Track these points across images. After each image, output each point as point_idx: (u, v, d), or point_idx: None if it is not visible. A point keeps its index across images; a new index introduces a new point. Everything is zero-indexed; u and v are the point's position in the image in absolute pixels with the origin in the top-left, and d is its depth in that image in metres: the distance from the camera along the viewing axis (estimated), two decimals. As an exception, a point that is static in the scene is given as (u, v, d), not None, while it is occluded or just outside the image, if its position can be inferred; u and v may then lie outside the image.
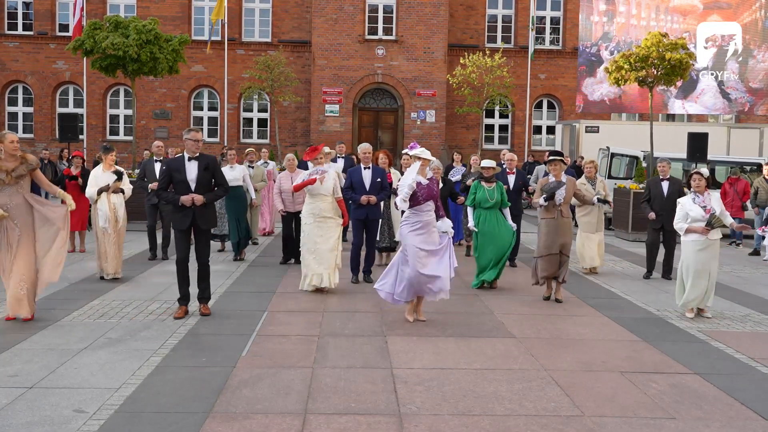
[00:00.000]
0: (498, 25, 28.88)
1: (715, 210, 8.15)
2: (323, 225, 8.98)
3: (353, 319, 7.78)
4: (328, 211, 9.02)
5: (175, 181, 7.60)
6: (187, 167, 7.56)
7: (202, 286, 7.83)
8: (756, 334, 7.71)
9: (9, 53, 27.97)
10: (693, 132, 16.84)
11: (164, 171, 7.79)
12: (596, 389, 5.70)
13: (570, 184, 8.93)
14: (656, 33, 17.58)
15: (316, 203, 9.03)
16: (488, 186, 9.70)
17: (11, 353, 6.28)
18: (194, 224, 7.61)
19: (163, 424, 4.77)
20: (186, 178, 7.54)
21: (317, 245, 8.91)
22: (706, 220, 8.11)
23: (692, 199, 8.32)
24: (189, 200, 7.47)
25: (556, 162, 8.90)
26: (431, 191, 7.54)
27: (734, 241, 15.39)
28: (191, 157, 7.58)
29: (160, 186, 7.85)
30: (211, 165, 7.66)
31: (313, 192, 9.04)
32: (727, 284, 10.65)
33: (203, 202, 7.52)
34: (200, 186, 7.57)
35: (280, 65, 25.42)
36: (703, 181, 8.33)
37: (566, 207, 8.88)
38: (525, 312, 8.39)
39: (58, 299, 8.47)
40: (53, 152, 23.15)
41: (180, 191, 7.53)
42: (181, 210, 7.55)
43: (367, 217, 9.65)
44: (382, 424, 4.86)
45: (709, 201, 8.24)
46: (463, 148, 26.95)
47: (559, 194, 8.79)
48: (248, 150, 13.40)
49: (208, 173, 7.63)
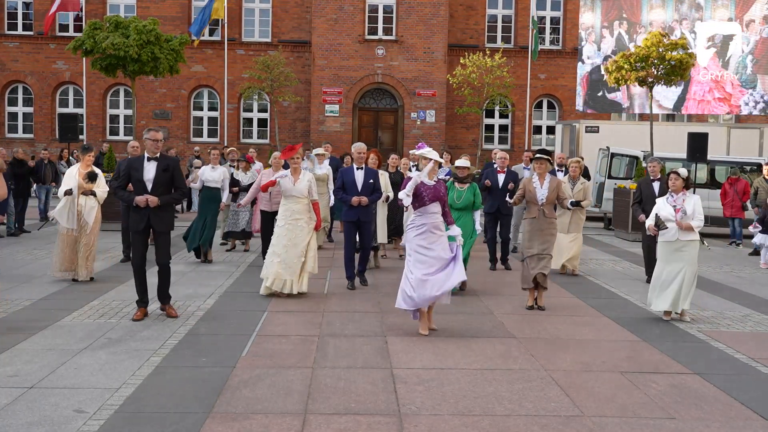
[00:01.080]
0: (498, 25, 28.89)
1: (687, 211, 8.00)
2: (294, 228, 8.76)
3: (353, 320, 7.77)
4: (301, 213, 8.82)
5: (132, 180, 7.53)
6: (145, 167, 7.47)
7: (162, 288, 7.74)
8: (756, 334, 7.71)
9: (9, 53, 27.98)
10: (693, 132, 16.84)
11: (124, 169, 7.73)
12: (596, 389, 5.70)
13: (554, 184, 8.65)
14: (656, 33, 17.60)
15: (289, 205, 8.86)
16: (460, 187, 9.43)
17: (11, 353, 6.28)
18: (149, 226, 7.50)
19: (163, 424, 4.77)
20: (143, 177, 7.45)
21: (286, 249, 8.69)
22: (654, 219, 8.07)
23: (666, 199, 8.22)
24: (143, 201, 7.37)
25: (542, 161, 8.67)
26: (437, 193, 7.29)
27: (734, 241, 15.39)
28: (150, 157, 7.50)
29: (117, 184, 7.77)
30: (171, 166, 7.54)
31: (287, 194, 8.88)
32: (727, 284, 10.66)
33: (157, 204, 7.39)
34: (157, 187, 7.44)
35: (280, 65, 25.42)
36: (680, 181, 8.13)
37: (549, 207, 8.61)
38: (525, 312, 8.38)
39: (58, 299, 8.47)
40: (53, 152, 23.13)
41: (137, 191, 7.45)
42: (138, 211, 7.45)
43: (359, 219, 9.44)
44: (382, 424, 4.86)
45: (682, 202, 8.08)
46: (463, 148, 26.95)
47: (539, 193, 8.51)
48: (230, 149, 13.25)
49: (167, 174, 7.50)
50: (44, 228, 14.93)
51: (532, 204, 8.63)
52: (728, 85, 25.47)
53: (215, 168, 11.39)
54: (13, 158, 14.84)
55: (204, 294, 8.88)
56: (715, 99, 25.58)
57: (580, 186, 11.01)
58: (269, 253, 8.89)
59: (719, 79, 25.50)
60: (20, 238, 14.04)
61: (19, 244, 13.19)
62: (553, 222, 8.73)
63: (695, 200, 8.13)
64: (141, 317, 7.59)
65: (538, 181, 8.67)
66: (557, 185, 8.70)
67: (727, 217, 15.63)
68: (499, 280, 10.40)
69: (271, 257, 8.80)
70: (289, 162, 9.09)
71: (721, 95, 25.53)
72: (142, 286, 7.64)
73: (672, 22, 25.58)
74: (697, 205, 8.10)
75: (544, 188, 8.61)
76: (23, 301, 8.28)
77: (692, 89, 25.45)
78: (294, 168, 8.98)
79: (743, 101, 25.45)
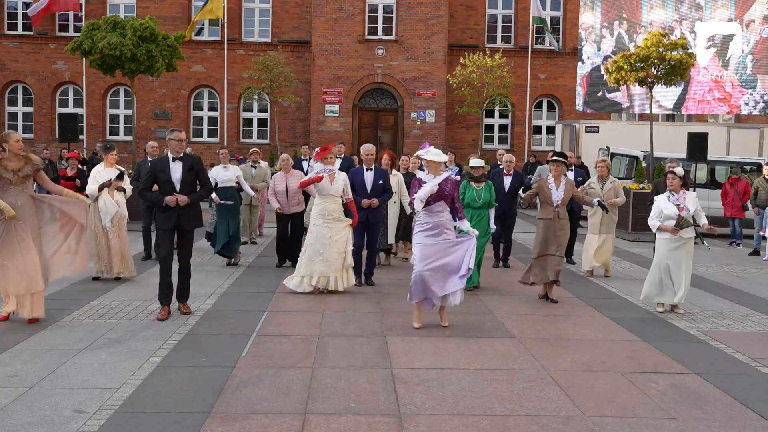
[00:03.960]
0: (498, 25, 28.90)
1: (689, 209, 8.29)
2: (332, 226, 8.91)
3: (353, 320, 7.77)
4: (337, 212, 8.98)
5: (159, 181, 7.58)
6: (171, 168, 7.54)
7: (182, 286, 7.84)
8: (756, 334, 7.71)
9: (9, 53, 27.99)
10: (693, 132, 16.84)
11: (149, 171, 7.79)
12: (596, 389, 5.70)
13: (569, 186, 8.87)
14: (656, 33, 17.57)
15: (325, 204, 8.98)
16: (477, 186, 9.58)
17: (11, 353, 6.28)
18: (178, 224, 7.59)
19: (163, 424, 4.77)
20: (171, 178, 7.52)
21: (326, 247, 8.84)
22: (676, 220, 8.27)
23: (667, 197, 8.47)
24: (173, 201, 7.44)
25: (558, 163, 8.85)
26: (441, 192, 7.31)
27: (734, 241, 15.39)
28: (176, 157, 7.57)
29: (143, 186, 7.82)
30: (195, 165, 7.65)
31: (323, 192, 8.99)
32: (727, 284, 10.66)
33: (187, 203, 7.49)
34: (185, 186, 7.55)
35: (280, 65, 25.42)
36: (677, 180, 8.44)
37: (563, 208, 8.82)
38: (525, 312, 8.39)
39: (58, 299, 8.46)
40: (53, 152, 23.15)
41: (165, 192, 7.51)
42: (166, 210, 7.52)
43: (368, 220, 9.51)
44: (382, 424, 4.86)
45: (683, 200, 8.35)
46: (463, 148, 26.98)
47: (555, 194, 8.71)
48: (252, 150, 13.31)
49: (193, 173, 7.61)
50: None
51: (547, 205, 8.80)
52: (728, 85, 25.47)
53: (227, 167, 11.32)
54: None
55: (204, 294, 8.88)
56: (715, 99, 25.58)
57: (610, 185, 10.86)
58: (309, 252, 8.94)
59: (719, 79, 25.50)
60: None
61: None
62: (566, 223, 8.92)
63: (694, 197, 8.47)
64: (166, 316, 7.62)
65: (553, 182, 8.83)
66: (572, 187, 8.93)
67: (727, 217, 15.62)
68: (499, 279, 10.40)
69: (312, 256, 8.91)
70: (321, 162, 9.15)
71: (721, 95, 25.54)
72: (166, 280, 7.70)
73: (672, 22, 25.58)
74: (697, 202, 8.45)
75: (559, 190, 8.79)
76: (23, 301, 8.27)
77: (692, 89, 25.45)
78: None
79: (743, 101, 25.46)
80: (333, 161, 9.23)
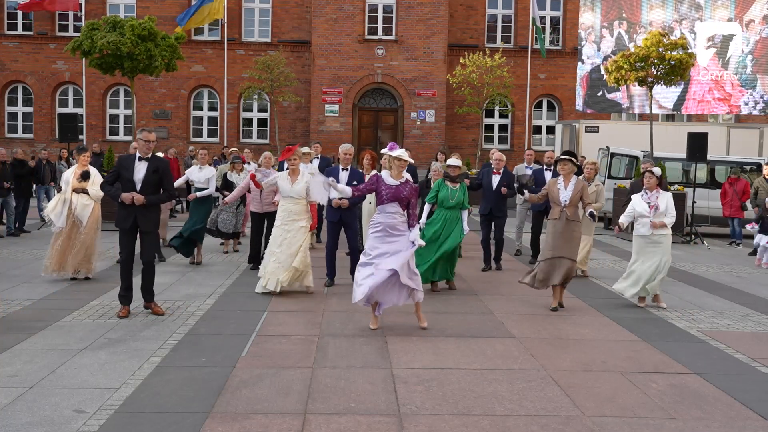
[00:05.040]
0: (498, 25, 28.91)
1: (660, 208, 8.63)
2: (290, 228, 8.84)
3: (353, 320, 7.77)
4: (298, 213, 8.90)
5: (122, 179, 7.55)
6: (136, 167, 7.52)
7: (143, 284, 7.78)
8: (756, 334, 7.71)
9: (9, 53, 27.99)
10: (693, 132, 16.83)
11: (114, 166, 7.75)
12: (596, 389, 5.70)
13: (579, 186, 8.52)
14: (656, 33, 17.58)
15: (286, 205, 8.94)
16: (452, 186, 9.47)
17: (11, 353, 6.28)
18: (135, 224, 7.55)
19: (163, 424, 4.77)
20: (133, 177, 7.50)
21: (280, 247, 8.79)
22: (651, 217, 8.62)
23: (641, 195, 8.79)
24: (129, 198, 7.41)
25: (565, 161, 8.55)
26: (398, 193, 7.18)
27: (734, 241, 15.39)
28: (142, 157, 7.54)
29: (106, 179, 7.78)
30: (161, 168, 7.60)
31: (284, 194, 8.94)
32: (727, 284, 10.66)
33: (143, 203, 7.44)
34: (146, 187, 7.50)
35: (280, 65, 25.42)
36: (654, 179, 8.75)
37: (572, 209, 8.47)
38: (525, 312, 8.38)
39: (58, 299, 8.47)
40: (53, 152, 23.15)
41: (126, 190, 7.49)
42: (125, 208, 7.50)
43: (341, 220, 9.42)
44: (382, 424, 4.86)
45: (656, 199, 8.69)
46: (463, 148, 26.99)
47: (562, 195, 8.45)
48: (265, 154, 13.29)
49: (157, 176, 7.56)
50: (44, 228, 14.91)
51: (555, 205, 8.56)
52: (728, 85, 25.48)
53: (202, 168, 11.15)
54: (13, 158, 14.84)
55: (204, 294, 8.88)
56: (715, 99, 25.59)
57: (594, 188, 10.64)
58: (267, 252, 8.98)
59: (719, 79, 25.51)
60: (20, 238, 14.05)
61: (19, 244, 13.19)
62: (578, 224, 8.58)
63: (668, 197, 8.78)
64: (126, 314, 7.64)
65: (562, 182, 8.55)
66: (582, 188, 8.56)
67: (727, 217, 15.63)
68: (499, 280, 10.40)
69: (268, 257, 8.93)
70: (287, 163, 9.08)
71: (720, 95, 25.55)
72: (126, 282, 7.68)
73: (672, 22, 25.60)
74: (670, 202, 8.74)
75: (568, 190, 8.48)
76: (23, 301, 8.28)
77: (692, 89, 25.46)
78: (292, 169, 8.98)
79: (743, 101, 25.47)
80: (297, 162, 9.02)
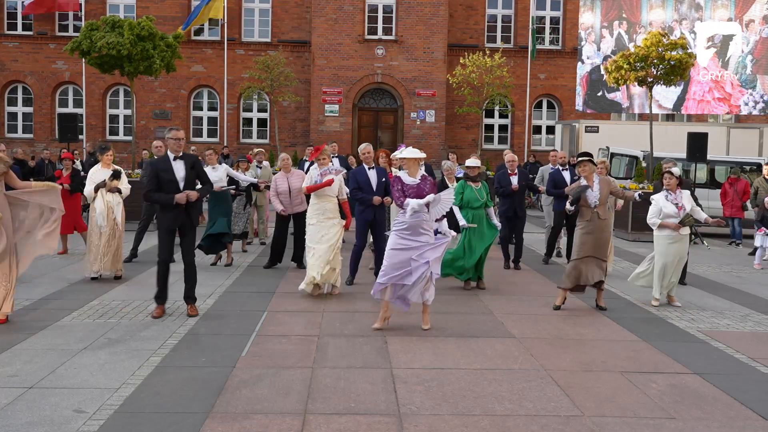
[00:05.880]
0: (498, 25, 28.90)
1: (686, 208, 8.70)
2: (326, 225, 8.91)
3: (353, 320, 7.77)
4: (332, 212, 8.99)
5: (162, 181, 7.53)
6: (174, 167, 7.54)
7: (189, 286, 7.81)
8: (756, 334, 7.71)
9: (9, 53, 27.97)
10: (693, 132, 16.84)
11: (151, 172, 7.69)
12: (596, 389, 5.70)
13: (604, 183, 8.45)
14: (656, 33, 17.58)
15: (321, 204, 8.97)
16: (475, 185, 9.66)
17: (11, 353, 6.28)
18: (184, 222, 7.59)
19: (163, 424, 4.77)
20: (175, 177, 7.51)
21: (317, 245, 8.86)
22: (680, 218, 8.68)
23: (665, 197, 8.81)
24: (184, 198, 7.44)
25: (585, 163, 8.45)
26: (420, 192, 7.19)
27: (734, 241, 15.39)
28: (176, 156, 7.58)
29: (150, 187, 7.65)
30: (196, 164, 7.72)
31: (320, 193, 8.98)
32: (727, 284, 10.66)
33: (197, 197, 7.55)
34: (188, 184, 7.57)
35: (280, 65, 25.40)
36: (674, 180, 8.80)
37: (603, 208, 8.38)
38: (525, 312, 8.38)
39: (58, 299, 8.47)
40: (53, 152, 23.13)
41: (169, 191, 7.48)
42: (172, 209, 7.50)
43: (374, 218, 9.47)
44: (382, 424, 4.86)
45: (681, 199, 8.76)
46: (463, 148, 26.96)
47: (592, 196, 8.31)
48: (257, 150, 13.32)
49: (194, 172, 7.66)
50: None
51: (585, 208, 8.41)
52: (728, 85, 25.48)
53: (216, 168, 11.17)
54: (13, 159, 14.84)
55: (204, 294, 8.88)
56: (715, 99, 25.60)
57: None
58: (306, 251, 9.05)
59: (719, 79, 25.51)
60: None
61: (19, 244, 13.17)
62: (609, 223, 8.68)
63: (688, 195, 8.90)
64: (161, 314, 7.64)
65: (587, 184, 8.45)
66: (608, 183, 8.51)
67: (727, 217, 15.63)
68: (500, 279, 10.39)
69: (307, 255, 8.98)
70: (316, 162, 9.13)
71: (720, 95, 25.55)
72: (164, 281, 7.70)
73: (672, 22, 25.60)
74: (691, 200, 8.89)
75: (595, 190, 8.36)
76: (23, 301, 8.27)
77: (692, 89, 25.46)
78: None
79: (743, 101, 25.47)
80: (326, 162, 9.15)
